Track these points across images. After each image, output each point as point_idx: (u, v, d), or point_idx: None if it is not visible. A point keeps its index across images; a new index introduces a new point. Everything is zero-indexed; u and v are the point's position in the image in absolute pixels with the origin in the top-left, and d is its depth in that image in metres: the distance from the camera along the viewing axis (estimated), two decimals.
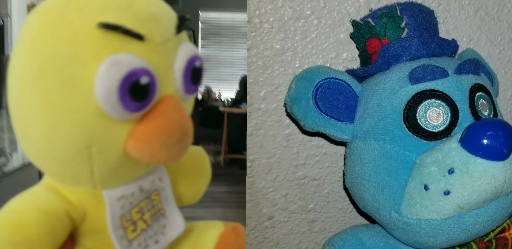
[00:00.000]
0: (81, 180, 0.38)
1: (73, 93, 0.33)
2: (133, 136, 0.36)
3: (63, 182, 0.39)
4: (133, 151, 0.36)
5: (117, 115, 0.34)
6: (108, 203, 0.39)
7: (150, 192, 0.42)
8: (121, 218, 0.39)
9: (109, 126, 0.35)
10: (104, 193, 0.39)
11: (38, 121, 0.34)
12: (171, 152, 0.36)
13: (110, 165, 0.37)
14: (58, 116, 0.34)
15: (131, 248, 0.40)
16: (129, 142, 0.36)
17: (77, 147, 0.35)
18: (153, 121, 0.35)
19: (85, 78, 0.32)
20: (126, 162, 0.37)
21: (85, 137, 0.34)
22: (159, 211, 0.44)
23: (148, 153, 0.36)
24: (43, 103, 0.33)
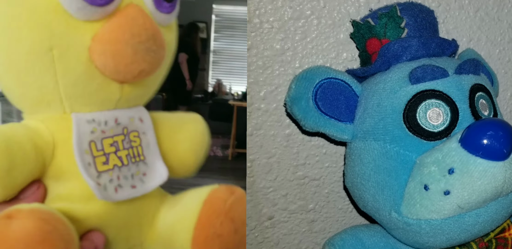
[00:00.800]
0: (48, 96, 0.36)
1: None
2: (97, 38, 0.34)
3: (31, 105, 0.37)
4: (97, 55, 0.35)
5: (76, 7, 0.33)
6: (75, 122, 0.37)
7: (127, 129, 0.40)
8: (90, 144, 0.37)
9: (72, 25, 0.34)
10: (72, 115, 0.37)
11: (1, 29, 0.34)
12: (137, 53, 0.35)
13: (75, 74, 0.35)
14: (18, 17, 0.33)
15: (100, 180, 0.37)
16: (93, 45, 0.35)
17: (38, 48, 0.34)
18: (116, 21, 0.34)
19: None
20: (92, 74, 0.36)
21: (46, 36, 0.33)
22: (139, 156, 0.41)
23: (111, 53, 0.34)
24: (3, 6, 0.33)
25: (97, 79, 0.36)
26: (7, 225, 0.30)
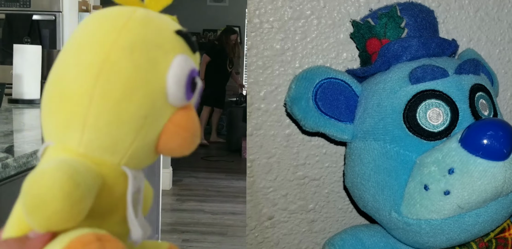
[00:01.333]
0: (120, 149, 0.42)
1: (154, 70, 0.41)
2: (173, 120, 0.43)
3: (101, 148, 0.42)
4: (169, 133, 0.43)
5: (177, 97, 0.42)
6: (130, 176, 0.43)
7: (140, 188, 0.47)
8: (134, 195, 0.44)
9: (165, 105, 0.42)
10: (125, 169, 0.43)
11: (119, 86, 0.41)
12: (194, 143, 0.44)
13: (148, 140, 0.43)
14: (138, 84, 0.41)
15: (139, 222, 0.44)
16: (168, 125, 0.43)
17: (139, 113, 0.41)
18: (188, 112, 0.44)
19: (164, 63, 0.41)
20: (155, 145, 0.44)
21: (149, 106, 0.41)
22: None
23: (181, 137, 0.43)
24: (131, 71, 0.41)
25: (152, 148, 0.44)
26: (103, 246, 0.35)
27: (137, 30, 0.42)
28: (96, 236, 0.35)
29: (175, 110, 0.43)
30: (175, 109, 0.43)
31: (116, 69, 0.41)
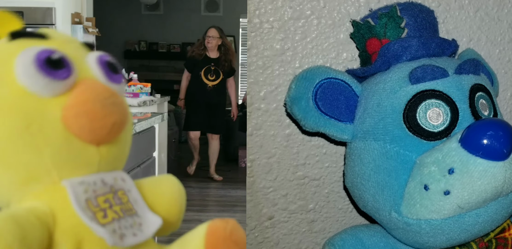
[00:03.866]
0: (36, 170, 0.40)
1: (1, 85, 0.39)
2: (66, 106, 0.40)
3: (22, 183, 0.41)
4: (71, 119, 0.40)
5: (41, 85, 0.39)
6: (69, 186, 0.41)
7: (114, 188, 0.45)
8: (87, 202, 0.42)
9: (41, 104, 0.40)
10: (64, 182, 0.42)
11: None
12: (105, 107, 0.41)
13: (55, 143, 0.40)
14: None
15: (105, 229, 0.42)
16: (65, 114, 0.40)
17: (17, 129, 0.39)
18: (80, 88, 0.41)
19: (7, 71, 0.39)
20: (71, 141, 0.41)
21: (21, 118, 0.39)
22: (131, 210, 0.46)
23: (84, 113, 0.40)
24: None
25: (76, 145, 0.42)
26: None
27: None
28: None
29: (65, 98, 0.41)
30: (65, 97, 0.41)
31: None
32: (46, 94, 0.40)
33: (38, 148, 0.40)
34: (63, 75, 0.40)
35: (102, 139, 0.43)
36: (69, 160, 0.42)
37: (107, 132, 0.42)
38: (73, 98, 0.40)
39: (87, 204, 0.42)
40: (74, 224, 0.41)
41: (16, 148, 0.40)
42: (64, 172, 0.42)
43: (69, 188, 0.41)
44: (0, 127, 0.39)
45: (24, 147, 0.40)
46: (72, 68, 0.41)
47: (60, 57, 0.41)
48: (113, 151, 0.45)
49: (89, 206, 0.42)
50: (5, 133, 0.39)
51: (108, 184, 0.45)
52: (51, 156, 0.41)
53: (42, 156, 0.40)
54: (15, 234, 0.36)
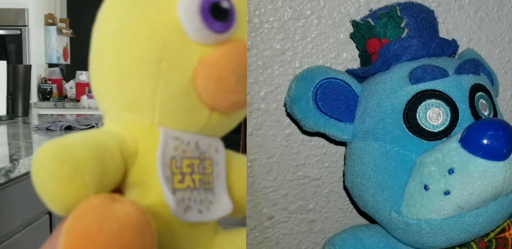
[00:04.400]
0: (143, 104, 0.37)
1: (156, 4, 0.35)
2: (205, 60, 0.36)
3: (123, 108, 0.38)
4: (201, 76, 0.36)
5: (194, 28, 0.35)
6: (163, 135, 0.37)
7: (204, 155, 0.41)
8: (171, 160, 0.38)
9: (184, 43, 0.36)
10: (160, 128, 0.38)
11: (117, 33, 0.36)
12: (239, 83, 0.37)
13: (175, 90, 0.36)
14: (137, 25, 0.35)
15: (175, 196, 0.38)
16: (199, 67, 0.36)
17: (150, 56, 0.35)
18: (227, 48, 0.36)
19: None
20: (190, 95, 0.37)
21: (159, 47, 0.35)
22: (209, 184, 0.42)
23: (215, 78, 0.36)
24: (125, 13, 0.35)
25: (192, 100, 0.37)
26: (110, 204, 0.31)
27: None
28: (109, 196, 0.32)
29: (209, 49, 0.36)
30: (210, 48, 0.36)
31: (113, 17, 0.36)
32: (194, 38, 0.36)
33: (157, 85, 0.36)
34: (221, 29, 0.36)
35: (218, 108, 0.39)
36: (178, 110, 0.38)
37: (225, 106, 0.38)
38: (216, 56, 0.36)
39: (171, 162, 0.38)
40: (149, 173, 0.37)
41: (138, 74, 0.36)
42: (166, 119, 0.38)
43: (162, 137, 0.37)
44: (135, 47, 0.36)
45: (144, 78, 0.36)
46: (233, 23, 0.37)
47: (229, 7, 0.36)
48: (223, 120, 0.41)
49: (171, 165, 0.38)
50: (136, 54, 0.36)
51: (200, 149, 0.40)
52: (164, 99, 0.37)
53: (156, 94, 0.36)
54: (95, 174, 0.33)
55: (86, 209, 0.31)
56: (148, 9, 0.35)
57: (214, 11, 0.35)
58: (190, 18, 0.35)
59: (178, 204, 0.38)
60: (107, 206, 0.31)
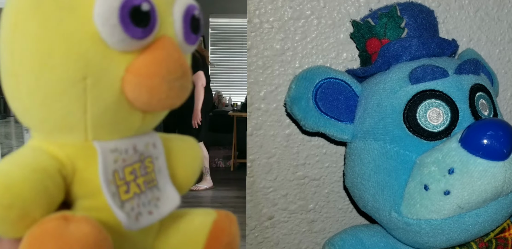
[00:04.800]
0: (73, 123, 0.35)
1: (71, 17, 0.32)
2: (132, 69, 0.34)
3: (52, 130, 0.36)
4: (131, 87, 0.34)
5: (116, 39, 0.33)
6: (100, 152, 0.36)
7: (144, 155, 0.40)
8: (114, 174, 0.37)
9: (107, 55, 0.34)
10: (96, 144, 0.36)
11: (32, 52, 0.33)
12: (172, 89, 0.35)
13: (104, 104, 0.35)
14: (53, 42, 0.33)
15: (124, 209, 0.37)
16: (127, 77, 0.34)
17: (72, 76, 0.33)
18: (153, 53, 0.34)
19: (83, 5, 0.32)
20: (121, 105, 0.36)
21: (81, 65, 0.33)
22: (153, 181, 0.42)
23: (147, 88, 0.34)
24: (38, 30, 0.33)
25: (124, 109, 0.36)
26: (66, 226, 0.30)
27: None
28: (62, 216, 0.31)
29: (134, 57, 0.34)
30: (134, 54, 0.34)
31: (24, 34, 0.33)
32: (116, 48, 0.33)
33: (85, 103, 0.34)
34: (143, 35, 0.34)
35: (152, 111, 0.38)
36: (111, 122, 0.37)
37: (161, 109, 0.37)
38: (142, 63, 0.34)
39: (114, 176, 0.37)
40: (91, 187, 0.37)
41: (62, 95, 0.34)
42: (100, 132, 0.37)
43: (100, 154, 0.36)
44: (55, 67, 0.33)
45: (70, 98, 0.34)
46: (155, 26, 0.35)
47: (149, 9, 0.33)
48: (157, 117, 0.41)
49: (115, 179, 0.37)
50: (56, 75, 0.33)
51: (139, 152, 0.40)
52: (94, 115, 0.35)
53: (86, 112, 0.35)
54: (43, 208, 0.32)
55: (42, 234, 0.30)
56: (62, 23, 0.33)
57: (134, 18, 0.33)
58: (110, 30, 0.32)
59: (129, 216, 0.37)
60: (63, 229, 0.30)
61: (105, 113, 0.35)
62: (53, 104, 0.34)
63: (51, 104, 0.34)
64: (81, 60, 0.33)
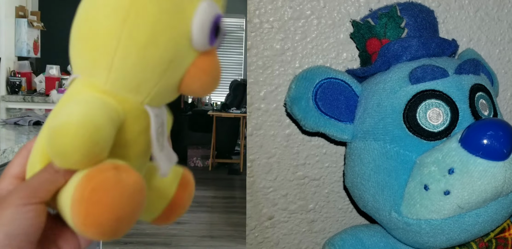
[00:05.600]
0: (144, 89, 0.45)
1: (179, 15, 0.43)
2: (197, 64, 0.45)
3: (128, 87, 0.45)
4: (191, 76, 0.45)
5: (200, 43, 0.44)
6: (152, 115, 0.47)
7: (163, 121, 0.50)
8: (156, 133, 0.47)
9: (189, 50, 0.44)
10: (147, 108, 0.46)
11: (145, 30, 0.43)
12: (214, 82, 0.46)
13: (171, 83, 0.45)
14: (163, 29, 0.43)
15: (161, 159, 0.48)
16: (191, 69, 0.45)
17: (164, 58, 0.43)
18: (211, 57, 0.46)
19: (189, 8, 0.43)
20: (176, 86, 0.46)
21: (173, 52, 0.44)
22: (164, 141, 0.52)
23: (201, 80, 0.46)
24: (158, 16, 0.42)
25: (175, 89, 0.46)
26: (120, 175, 0.39)
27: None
28: (114, 165, 0.40)
29: (198, 55, 0.45)
30: (198, 54, 0.45)
31: (142, 13, 0.43)
32: (197, 48, 0.44)
33: (160, 80, 0.44)
34: (216, 44, 0.45)
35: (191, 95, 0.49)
36: (164, 97, 0.47)
37: (198, 95, 0.48)
38: (205, 62, 0.45)
39: (156, 134, 0.47)
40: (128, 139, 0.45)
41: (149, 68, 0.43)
42: (153, 101, 0.46)
43: (152, 117, 0.46)
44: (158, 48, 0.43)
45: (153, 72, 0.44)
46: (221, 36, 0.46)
47: (223, 27, 0.45)
48: None
49: (157, 138, 0.47)
50: (155, 54, 0.43)
51: (161, 118, 0.49)
52: (160, 88, 0.45)
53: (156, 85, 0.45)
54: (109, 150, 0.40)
55: (103, 182, 0.38)
56: (173, 17, 0.43)
57: (216, 31, 0.44)
58: (201, 35, 0.43)
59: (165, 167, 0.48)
60: (118, 178, 0.39)
61: (167, 88, 0.46)
62: (138, 72, 0.44)
63: (137, 72, 0.44)
64: (174, 49, 0.43)
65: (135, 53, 0.43)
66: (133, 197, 0.40)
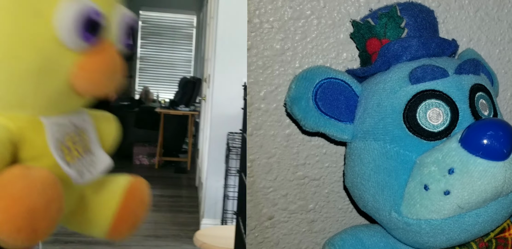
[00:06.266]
0: (25, 103, 0.44)
1: (37, 21, 0.41)
2: (82, 66, 0.44)
3: (6, 106, 0.45)
4: (81, 80, 0.44)
5: (71, 43, 0.42)
6: (47, 125, 0.46)
7: (78, 129, 0.50)
8: (58, 141, 0.47)
9: (62, 53, 0.43)
10: (42, 119, 0.46)
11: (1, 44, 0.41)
12: (111, 79, 0.46)
13: (54, 91, 0.44)
14: (19, 38, 0.41)
15: (71, 169, 0.47)
16: (78, 72, 0.44)
17: (30, 67, 0.42)
18: (101, 56, 0.45)
19: (48, 10, 0.41)
20: (66, 91, 0.45)
21: (39, 59, 0.42)
22: (89, 149, 0.52)
23: (95, 81, 0.45)
24: (11, 29, 0.41)
25: (67, 94, 0.46)
26: (28, 171, 0.40)
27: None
28: (23, 165, 0.40)
29: (80, 54, 0.44)
30: (80, 54, 0.44)
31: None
32: (71, 48, 0.43)
33: (37, 90, 0.43)
34: (94, 41, 0.43)
35: (91, 96, 0.48)
36: (56, 103, 0.46)
37: (98, 95, 0.47)
38: (89, 63, 0.44)
39: (59, 143, 0.46)
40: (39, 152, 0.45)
41: (20, 80, 0.42)
42: (46, 110, 0.46)
43: (46, 126, 0.45)
44: (19, 60, 0.42)
45: (27, 85, 0.43)
46: (103, 34, 0.44)
47: (101, 21, 0.43)
48: (87, 99, 0.50)
49: (59, 145, 0.47)
50: (19, 65, 0.42)
51: (75, 125, 0.49)
52: (43, 98, 0.44)
53: (36, 95, 0.44)
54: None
55: (9, 176, 0.39)
56: (30, 25, 0.41)
57: (88, 26, 0.42)
58: (67, 34, 0.42)
59: (76, 173, 0.47)
60: (27, 172, 0.39)
61: (52, 97, 0.45)
62: (11, 87, 0.43)
63: (10, 86, 0.43)
64: (41, 56, 0.42)
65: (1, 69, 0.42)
66: (44, 189, 0.39)
